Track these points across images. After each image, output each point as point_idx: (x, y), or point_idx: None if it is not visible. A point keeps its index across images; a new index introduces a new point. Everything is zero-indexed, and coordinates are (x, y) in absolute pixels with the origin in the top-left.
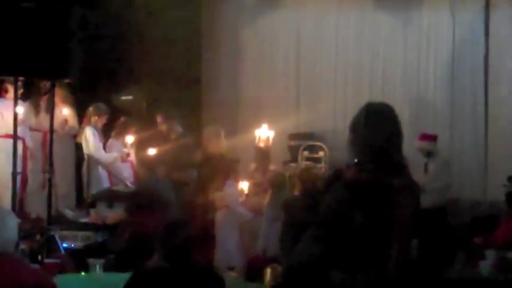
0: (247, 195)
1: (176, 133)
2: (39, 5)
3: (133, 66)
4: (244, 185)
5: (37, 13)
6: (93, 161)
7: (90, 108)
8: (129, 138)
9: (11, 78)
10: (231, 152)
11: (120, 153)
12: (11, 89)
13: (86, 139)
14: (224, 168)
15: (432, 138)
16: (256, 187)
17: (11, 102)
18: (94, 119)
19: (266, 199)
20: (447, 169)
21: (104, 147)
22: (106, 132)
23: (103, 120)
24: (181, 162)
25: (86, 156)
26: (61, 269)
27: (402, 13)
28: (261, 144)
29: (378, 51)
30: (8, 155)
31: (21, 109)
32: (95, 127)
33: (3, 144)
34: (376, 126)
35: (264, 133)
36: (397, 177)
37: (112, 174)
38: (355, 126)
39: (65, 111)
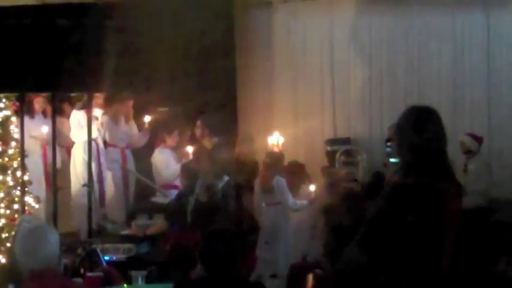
0: None
1: (211, 142)
2: (73, 21)
3: (167, 77)
4: None
5: (70, 29)
6: None
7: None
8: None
9: None
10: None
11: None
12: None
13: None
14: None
15: (477, 138)
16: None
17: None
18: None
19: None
20: (487, 170)
21: None
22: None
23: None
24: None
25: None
26: (109, 282)
27: (436, 14)
28: (275, 149)
29: (412, 53)
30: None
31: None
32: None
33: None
34: (423, 129)
35: (275, 140)
36: (444, 180)
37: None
38: (401, 130)
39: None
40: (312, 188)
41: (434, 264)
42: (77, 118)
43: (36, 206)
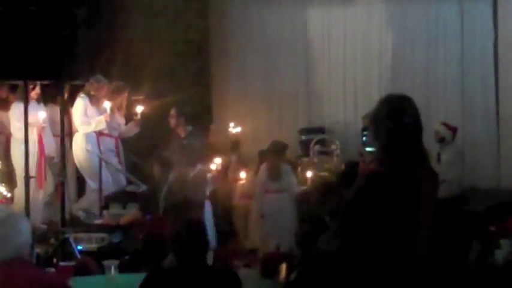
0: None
1: (185, 131)
2: (44, 8)
3: (143, 65)
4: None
5: (43, 16)
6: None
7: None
8: None
9: None
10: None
11: None
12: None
13: None
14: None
15: (451, 127)
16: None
17: None
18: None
19: None
20: (460, 159)
21: None
22: None
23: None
24: (190, 161)
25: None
26: (85, 271)
27: (410, 4)
28: (234, 138)
29: (386, 42)
30: None
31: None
32: None
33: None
34: (398, 117)
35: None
36: (420, 168)
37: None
38: (376, 119)
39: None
40: (309, 174)
41: (410, 252)
42: (82, 107)
43: (8, 194)
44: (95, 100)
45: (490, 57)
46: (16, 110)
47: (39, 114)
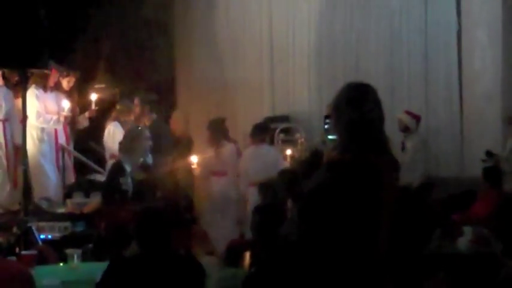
0: None
1: (150, 119)
2: None
3: (104, 52)
4: None
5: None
6: None
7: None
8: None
9: None
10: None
11: None
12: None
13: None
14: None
15: (415, 116)
16: None
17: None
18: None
19: None
20: (424, 147)
21: None
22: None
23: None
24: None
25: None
26: (43, 260)
27: None
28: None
29: (350, 31)
30: None
31: None
32: None
33: None
34: (359, 105)
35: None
36: (381, 156)
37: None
38: (337, 107)
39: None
40: None
41: (371, 240)
42: (118, 134)
43: None
44: (125, 126)
45: (453, 46)
46: (33, 96)
47: (63, 103)
